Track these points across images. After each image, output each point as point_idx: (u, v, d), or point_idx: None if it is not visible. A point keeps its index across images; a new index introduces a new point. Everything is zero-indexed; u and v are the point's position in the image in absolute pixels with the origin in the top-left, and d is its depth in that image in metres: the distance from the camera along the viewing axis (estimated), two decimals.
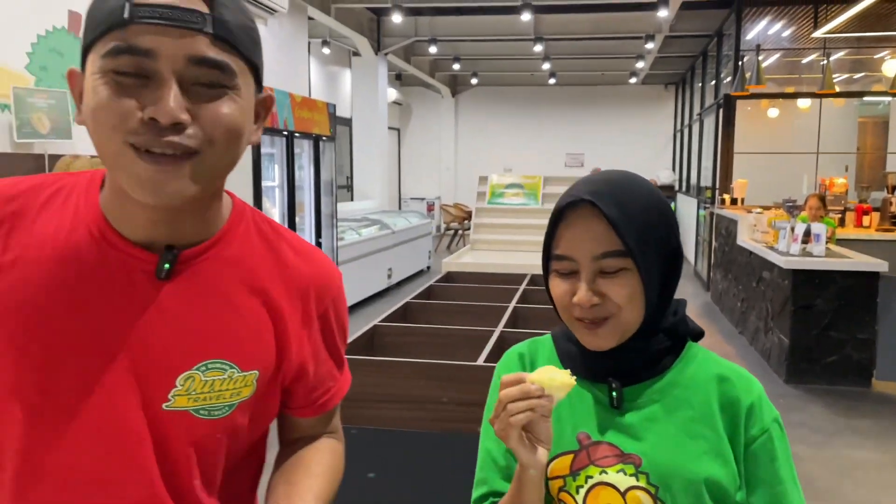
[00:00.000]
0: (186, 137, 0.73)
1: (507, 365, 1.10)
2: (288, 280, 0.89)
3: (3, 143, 3.99)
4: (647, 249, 0.94)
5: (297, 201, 6.05)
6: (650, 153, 15.41)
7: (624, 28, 10.11)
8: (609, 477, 0.96)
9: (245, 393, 0.85)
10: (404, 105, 16.18)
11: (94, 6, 0.76)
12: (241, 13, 0.77)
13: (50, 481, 0.79)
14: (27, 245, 0.80)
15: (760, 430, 0.97)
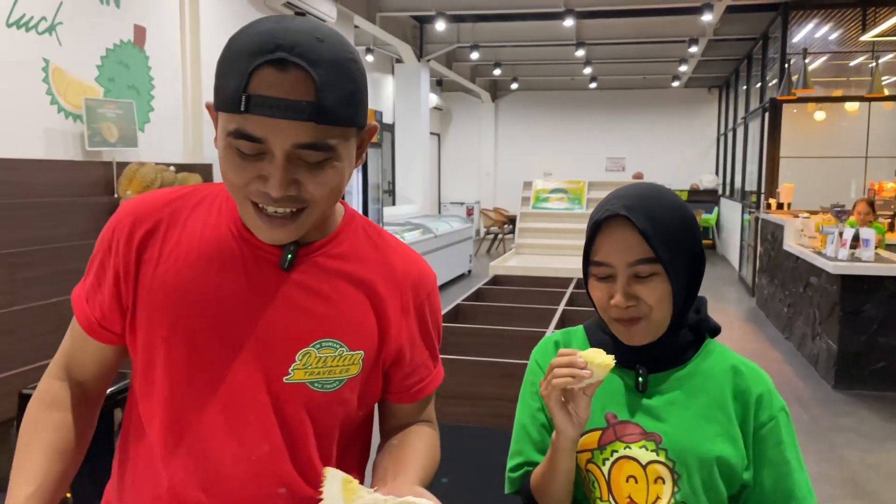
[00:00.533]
0: (293, 202, 0.88)
1: (543, 350, 1.24)
2: (388, 275, 1.02)
3: (76, 151, 4.22)
4: (674, 256, 1.07)
5: None
6: (693, 157, 15.28)
7: (667, 32, 10.08)
8: (632, 452, 1.10)
9: (353, 371, 0.98)
10: (444, 110, 16.33)
11: (222, 75, 0.86)
12: (344, 81, 0.86)
13: (191, 440, 0.94)
14: (179, 240, 0.97)
15: (769, 416, 1.11)
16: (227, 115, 0.86)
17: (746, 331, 7.13)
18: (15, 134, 3.84)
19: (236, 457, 0.95)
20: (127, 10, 4.66)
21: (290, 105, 0.83)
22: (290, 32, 0.85)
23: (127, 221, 0.98)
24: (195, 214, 0.99)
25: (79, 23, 4.24)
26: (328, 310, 0.97)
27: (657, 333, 1.11)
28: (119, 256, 0.97)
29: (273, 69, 0.83)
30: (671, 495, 1.08)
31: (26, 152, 3.89)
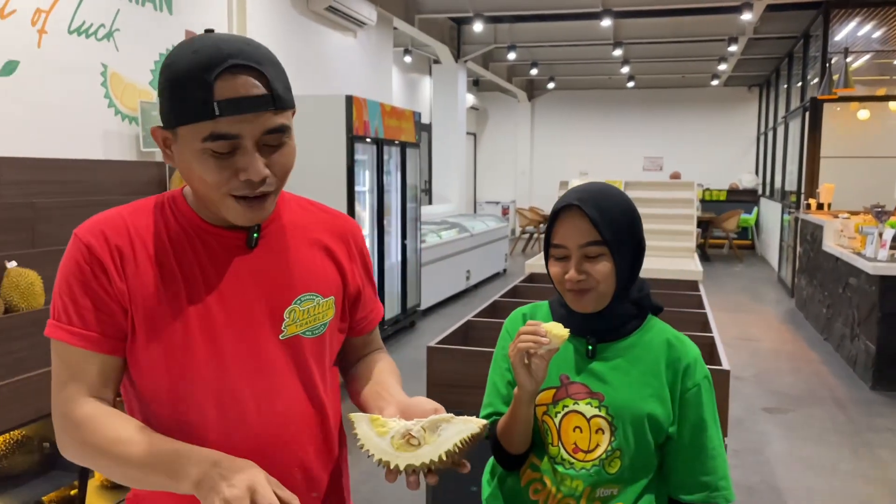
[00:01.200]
0: (267, 185, 1.03)
1: (513, 320, 1.49)
2: (329, 231, 1.22)
3: (132, 151, 4.44)
4: (618, 241, 1.31)
5: (385, 205, 6.35)
6: (732, 156, 15.12)
7: (706, 31, 10.02)
8: (579, 407, 1.34)
9: (330, 314, 1.18)
10: (481, 110, 16.41)
11: (179, 93, 0.98)
12: (281, 75, 1.03)
13: (220, 411, 1.08)
14: (149, 250, 1.07)
15: (693, 384, 1.35)
16: (196, 125, 0.98)
17: (784, 332, 7.09)
18: (75, 136, 4.06)
19: (261, 411, 1.09)
20: (178, 16, 4.87)
21: (253, 101, 0.98)
22: (228, 43, 0.99)
23: (98, 241, 1.05)
24: (150, 225, 1.09)
25: (134, 29, 4.45)
26: (297, 270, 1.14)
27: (603, 303, 1.34)
28: (106, 272, 1.04)
29: (230, 75, 0.97)
30: (608, 443, 1.32)
31: (86, 153, 4.10)
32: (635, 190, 5.91)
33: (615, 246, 1.30)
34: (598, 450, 1.32)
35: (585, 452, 1.33)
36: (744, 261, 12.41)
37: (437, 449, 1.01)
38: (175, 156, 1.04)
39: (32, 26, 3.76)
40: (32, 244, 3.30)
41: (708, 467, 1.34)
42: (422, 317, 7.38)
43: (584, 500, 1.33)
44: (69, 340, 1.04)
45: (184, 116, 0.98)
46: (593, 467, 1.32)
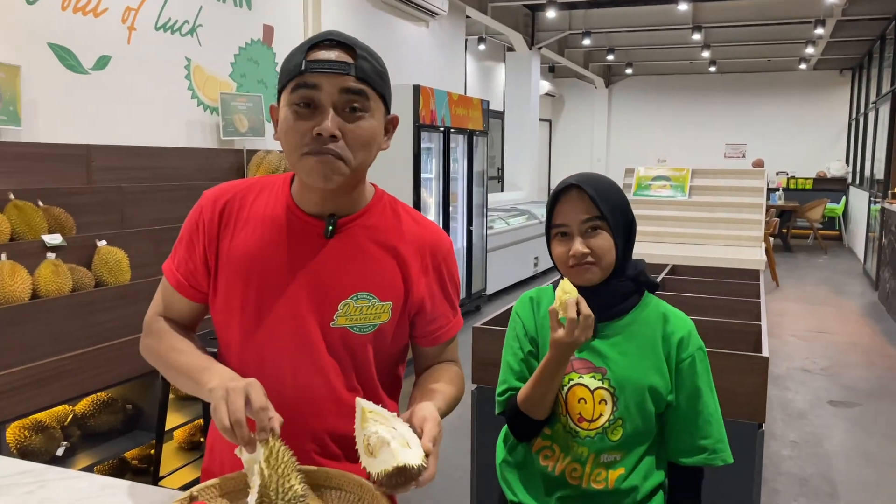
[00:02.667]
0: (338, 148, 1.13)
1: (521, 304, 1.58)
2: (410, 240, 1.28)
3: (213, 140, 4.74)
4: (614, 217, 1.42)
5: (451, 192, 6.50)
6: (820, 144, 14.47)
7: (791, 13, 9.65)
8: (583, 380, 1.45)
9: (384, 318, 1.24)
10: (557, 97, 16.30)
11: (284, 65, 1.19)
12: (375, 63, 1.18)
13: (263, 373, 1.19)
14: (248, 218, 1.25)
15: (688, 354, 1.45)
16: (289, 84, 1.14)
17: (862, 325, 6.83)
18: (161, 125, 4.38)
19: (296, 384, 1.22)
20: (257, 11, 5.14)
21: (335, 64, 1.13)
22: (336, 31, 1.18)
23: (209, 206, 1.26)
24: (259, 199, 1.27)
25: (216, 24, 4.74)
26: (362, 269, 1.23)
27: (604, 276, 1.43)
28: (205, 233, 1.25)
29: (324, 48, 1.15)
30: (611, 412, 1.43)
31: (171, 141, 4.42)
32: (703, 178, 5.82)
33: (613, 221, 1.41)
34: (602, 419, 1.43)
35: (589, 422, 1.44)
36: (829, 252, 11.91)
37: (373, 466, 1.02)
38: (278, 126, 1.19)
39: (122, 23, 4.09)
40: (121, 225, 3.62)
41: (705, 431, 1.43)
42: (487, 301, 7.51)
43: (589, 465, 1.44)
44: (167, 275, 1.30)
45: (283, 79, 1.17)
46: (597, 435, 1.43)
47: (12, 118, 3.36)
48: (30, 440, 2.58)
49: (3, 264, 2.72)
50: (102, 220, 3.52)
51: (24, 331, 2.62)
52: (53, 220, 3.11)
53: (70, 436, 2.81)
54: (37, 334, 2.66)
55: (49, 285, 2.81)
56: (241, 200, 1.26)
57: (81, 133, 3.84)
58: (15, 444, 2.56)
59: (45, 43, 3.66)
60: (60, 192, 3.33)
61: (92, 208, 3.47)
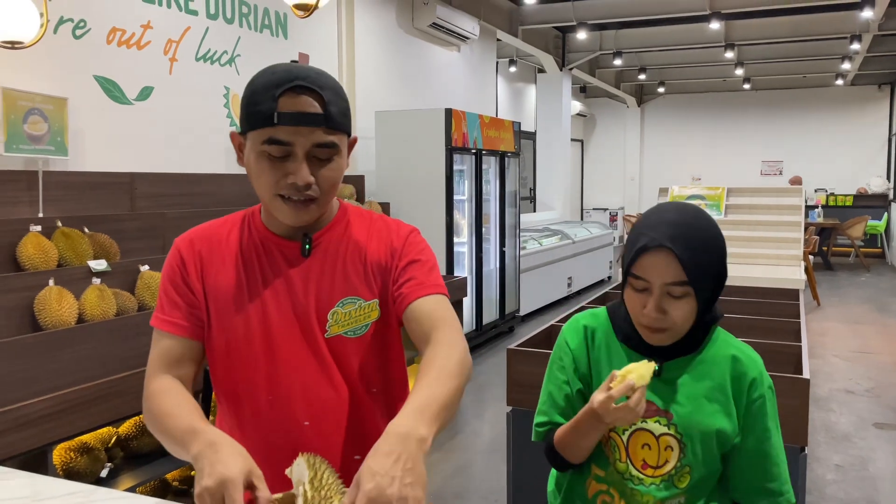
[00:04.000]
0: (311, 192, 1.19)
1: (573, 329, 1.45)
2: (376, 237, 1.33)
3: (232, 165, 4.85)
4: (703, 279, 1.27)
5: (483, 213, 6.52)
6: (860, 160, 14.19)
7: (826, 29, 9.53)
8: (648, 425, 1.35)
9: (374, 315, 1.29)
10: (588, 117, 16.28)
11: (250, 106, 1.18)
12: (340, 101, 1.20)
13: (277, 394, 1.25)
14: (225, 255, 1.30)
15: (758, 395, 1.36)
16: (260, 131, 1.17)
17: None
18: (202, 152, 4.50)
19: (308, 401, 1.25)
20: (293, 40, 5.27)
21: (308, 117, 1.17)
22: (300, 69, 1.20)
23: (186, 249, 1.30)
24: (232, 235, 1.32)
25: (253, 53, 4.87)
26: (342, 276, 1.28)
27: (678, 338, 1.34)
28: (188, 275, 1.29)
29: (293, 94, 1.17)
30: (678, 460, 1.34)
31: (210, 167, 4.54)
32: (739, 196, 5.76)
33: (700, 286, 1.26)
34: (668, 466, 1.34)
35: (654, 468, 1.34)
36: (871, 270, 11.63)
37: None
38: (244, 158, 1.24)
39: (165, 55, 4.23)
40: (163, 250, 3.72)
41: (772, 474, 1.36)
42: (521, 322, 7.48)
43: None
44: (162, 327, 1.29)
45: (252, 123, 1.18)
46: (663, 482, 1.34)
47: (60, 148, 3.48)
48: (75, 461, 2.64)
49: (51, 290, 2.81)
50: (145, 245, 3.62)
51: (71, 354, 2.70)
52: (99, 246, 3.21)
53: (114, 457, 2.88)
54: (83, 357, 2.74)
55: (94, 309, 2.90)
56: (214, 240, 1.31)
57: (125, 161, 3.96)
58: (61, 465, 2.62)
59: (91, 75, 3.80)
60: (105, 218, 3.44)
61: (135, 234, 3.57)
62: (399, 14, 6.73)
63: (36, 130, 3.36)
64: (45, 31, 3.36)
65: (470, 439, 4.32)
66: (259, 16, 4.94)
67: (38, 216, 3.30)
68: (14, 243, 3.01)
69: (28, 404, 2.41)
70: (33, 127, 3.35)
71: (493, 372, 5.63)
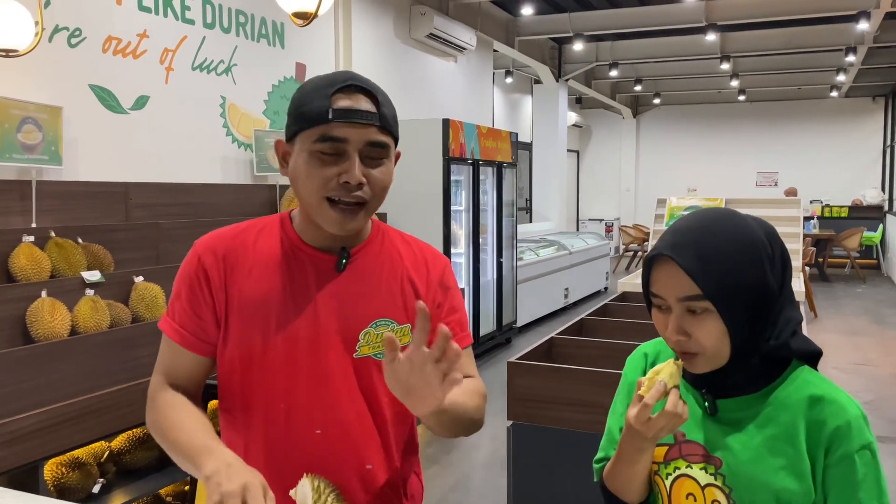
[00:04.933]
0: (363, 193, 1.15)
1: (633, 358, 1.31)
2: (414, 262, 1.30)
3: (247, 175, 4.82)
4: (728, 294, 1.05)
5: (480, 223, 6.50)
6: (855, 171, 14.25)
7: (820, 41, 9.58)
8: (693, 472, 1.13)
9: (405, 340, 1.22)
10: (584, 127, 16.32)
11: (302, 106, 1.16)
12: (391, 107, 1.20)
13: (295, 417, 1.20)
14: (253, 263, 1.22)
15: (844, 454, 1.05)
16: (312, 130, 1.14)
17: None
18: (197, 162, 4.47)
19: (327, 420, 1.20)
20: (290, 50, 5.25)
21: (363, 114, 1.15)
22: (352, 73, 1.20)
23: (208, 256, 1.22)
24: (260, 241, 1.25)
25: (250, 63, 4.85)
26: (376, 296, 1.24)
27: (718, 365, 1.10)
28: (208, 283, 1.21)
29: (347, 93, 1.15)
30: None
31: (206, 177, 4.50)
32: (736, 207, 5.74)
33: (723, 300, 1.05)
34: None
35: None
36: (867, 281, 11.64)
37: None
38: (290, 165, 1.19)
39: (161, 64, 4.20)
40: (157, 261, 3.67)
41: None
42: (518, 334, 7.44)
43: None
44: (170, 334, 1.24)
45: (304, 122, 1.15)
46: None
47: (54, 158, 3.44)
48: (67, 477, 2.59)
49: (44, 301, 2.77)
50: (139, 256, 3.57)
51: (63, 367, 2.65)
52: (92, 256, 3.17)
53: (106, 472, 2.82)
54: (75, 370, 2.69)
55: (87, 321, 2.85)
56: (240, 246, 1.24)
57: (120, 171, 3.92)
58: (52, 480, 2.57)
59: (87, 84, 3.77)
60: (99, 229, 3.40)
61: (129, 245, 3.52)
62: (396, 24, 6.72)
63: (30, 140, 3.32)
64: (40, 39, 3.33)
65: (468, 453, 4.27)
66: (256, 25, 4.92)
67: (31, 226, 3.25)
68: (6, 254, 2.96)
69: (19, 418, 2.36)
70: (27, 136, 3.31)
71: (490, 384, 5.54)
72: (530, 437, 2.73)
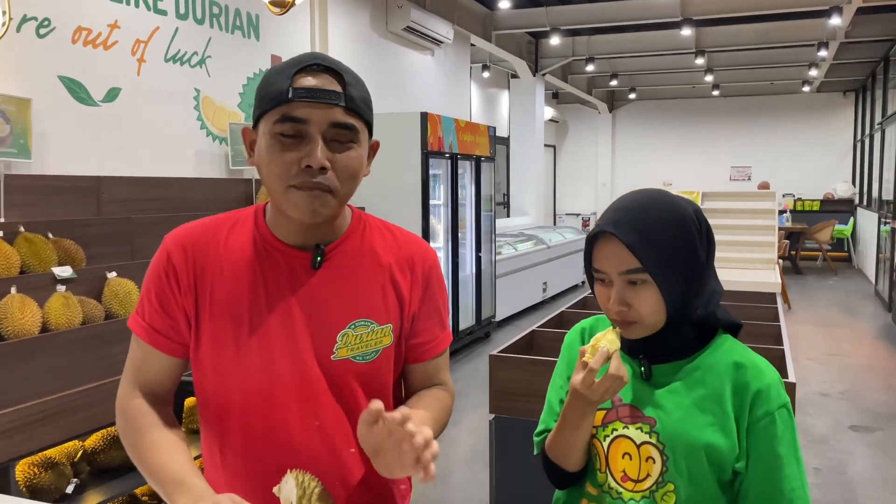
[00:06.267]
0: (326, 179, 1.07)
1: (572, 336, 1.39)
2: (398, 255, 1.22)
3: (222, 169, 4.74)
4: (664, 265, 1.16)
5: (459, 218, 6.48)
6: (826, 165, 14.47)
7: (793, 36, 9.70)
8: (629, 432, 1.22)
9: (386, 342, 1.19)
10: (561, 122, 16.38)
11: (264, 88, 1.11)
12: (361, 89, 1.12)
13: (271, 420, 1.15)
14: (224, 259, 1.16)
15: (765, 412, 1.16)
16: (273, 111, 1.07)
17: (878, 347, 6.74)
18: (171, 156, 4.38)
19: (305, 425, 1.15)
20: (265, 42, 5.17)
21: (326, 93, 1.07)
22: (320, 54, 1.12)
23: (177, 253, 1.16)
24: (232, 237, 1.18)
25: (224, 55, 4.77)
26: (355, 295, 1.17)
27: (653, 331, 1.21)
28: (177, 282, 1.15)
29: (310, 73, 1.08)
30: (659, 474, 1.19)
31: (180, 171, 4.42)
32: (713, 201, 5.80)
33: (660, 272, 1.15)
34: (649, 480, 1.20)
35: (634, 482, 1.21)
36: (838, 273, 11.83)
37: None
38: (255, 152, 1.13)
39: (132, 55, 4.10)
40: (131, 256, 3.59)
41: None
42: (497, 328, 7.44)
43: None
44: (139, 333, 1.18)
45: (266, 104, 1.09)
46: (643, 499, 1.20)
47: (23, 151, 3.35)
48: (39, 477, 2.52)
49: (13, 298, 2.69)
50: (112, 251, 3.49)
51: (34, 365, 2.57)
52: (63, 252, 3.09)
53: (80, 472, 2.76)
54: (47, 368, 2.62)
55: (59, 318, 2.77)
56: (212, 242, 1.18)
57: (91, 165, 3.83)
58: (24, 481, 2.50)
59: (56, 76, 3.67)
60: (70, 224, 3.31)
61: (102, 240, 3.44)
62: (373, 17, 6.66)
63: None
64: (8, 29, 3.23)
65: (448, 448, 4.25)
66: (230, 16, 4.84)
67: None
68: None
69: None
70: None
71: (470, 378, 5.57)
72: (512, 431, 2.71)
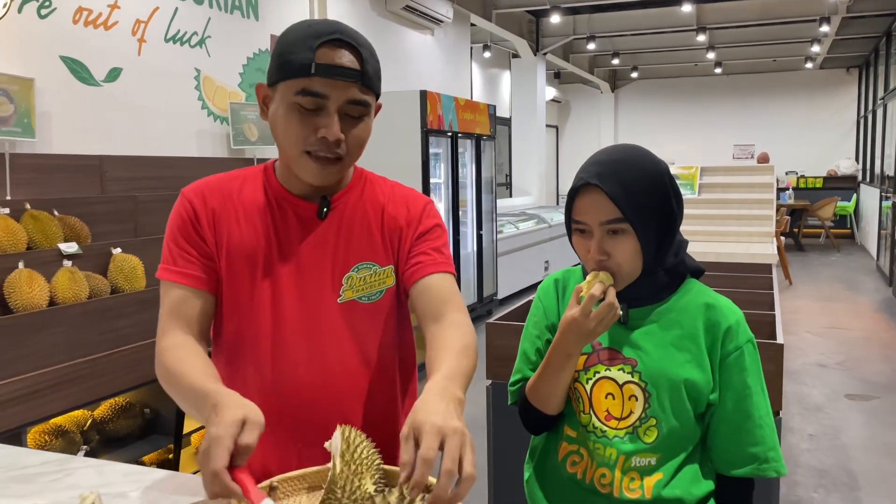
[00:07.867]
0: (340, 150, 1.17)
1: (545, 287, 1.44)
2: (394, 203, 1.31)
3: (223, 149, 4.79)
4: (643, 216, 1.23)
5: (460, 197, 6.51)
6: (829, 142, 14.42)
7: (796, 12, 9.64)
8: (611, 373, 1.30)
9: (389, 282, 1.28)
10: (563, 102, 16.33)
11: (285, 54, 1.14)
12: (375, 62, 1.20)
13: (282, 362, 1.22)
14: (238, 210, 1.25)
15: (734, 347, 1.27)
16: (293, 81, 1.13)
17: (878, 321, 6.78)
18: (173, 135, 4.43)
19: (311, 365, 1.22)
20: (265, 22, 5.20)
21: (346, 71, 1.14)
22: (340, 24, 1.18)
23: (198, 201, 1.25)
24: (244, 191, 1.27)
25: (224, 35, 4.80)
26: (357, 240, 1.26)
27: (630, 280, 1.28)
28: (201, 225, 1.23)
29: (332, 46, 1.14)
30: (642, 410, 1.27)
31: (181, 151, 4.47)
32: (712, 175, 5.82)
33: (639, 222, 1.22)
34: (632, 417, 1.27)
35: (618, 420, 1.28)
36: (841, 250, 11.84)
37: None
38: (270, 111, 1.20)
39: (133, 36, 4.15)
40: (135, 233, 3.66)
41: (755, 437, 1.25)
42: (499, 305, 7.50)
43: (618, 470, 1.27)
44: (173, 279, 1.23)
45: (286, 72, 1.14)
46: (627, 435, 1.27)
47: (27, 130, 3.41)
48: (50, 444, 2.60)
49: (21, 272, 2.76)
50: (117, 228, 3.56)
51: (43, 337, 2.65)
52: (69, 229, 3.15)
53: (89, 440, 2.84)
54: (55, 340, 2.69)
55: (66, 292, 2.84)
56: (226, 192, 1.27)
57: (94, 144, 3.89)
58: (35, 447, 2.58)
59: (58, 56, 3.72)
60: (75, 201, 3.37)
61: (106, 217, 3.51)
62: None
63: (1, 112, 3.28)
64: (9, 9, 3.28)
65: None
66: None
67: (5, 199, 3.23)
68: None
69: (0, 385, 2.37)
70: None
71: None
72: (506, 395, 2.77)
